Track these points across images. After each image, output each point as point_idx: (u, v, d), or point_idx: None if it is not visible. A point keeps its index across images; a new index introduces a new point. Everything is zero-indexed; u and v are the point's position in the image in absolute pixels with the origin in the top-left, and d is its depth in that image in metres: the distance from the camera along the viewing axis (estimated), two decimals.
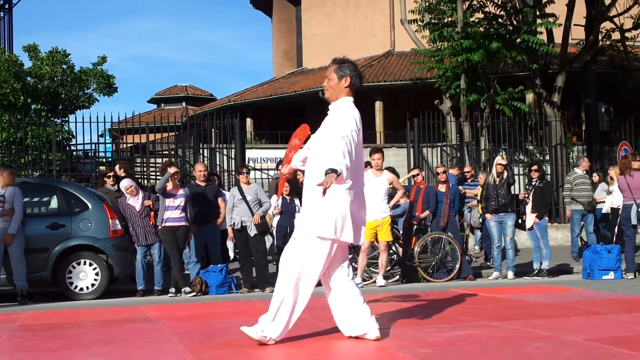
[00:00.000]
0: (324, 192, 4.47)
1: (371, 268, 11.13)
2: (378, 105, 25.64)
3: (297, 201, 12.06)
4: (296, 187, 12.30)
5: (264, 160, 19.19)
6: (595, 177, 14.38)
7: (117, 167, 12.33)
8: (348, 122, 4.81)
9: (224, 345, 5.24)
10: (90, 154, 17.53)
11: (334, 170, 4.47)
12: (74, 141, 18.04)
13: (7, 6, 25.39)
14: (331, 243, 4.86)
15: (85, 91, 19.77)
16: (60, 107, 18.93)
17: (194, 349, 5.04)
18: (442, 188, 11.81)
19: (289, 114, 28.33)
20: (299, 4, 31.30)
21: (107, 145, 21.89)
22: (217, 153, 17.63)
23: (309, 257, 4.85)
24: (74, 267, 10.03)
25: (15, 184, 9.81)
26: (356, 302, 5.06)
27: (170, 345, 5.33)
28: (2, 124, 16.35)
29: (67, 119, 18.66)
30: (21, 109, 17.32)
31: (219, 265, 10.54)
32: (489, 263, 12.44)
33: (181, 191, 10.46)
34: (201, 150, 17.69)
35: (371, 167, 10.78)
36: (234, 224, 10.63)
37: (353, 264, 10.94)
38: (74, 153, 17.85)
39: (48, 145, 16.14)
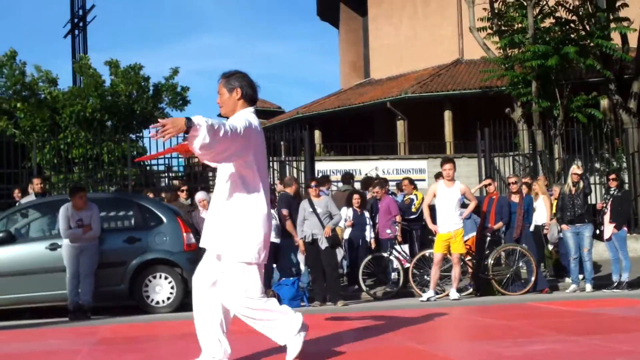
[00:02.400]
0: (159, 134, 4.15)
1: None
2: (447, 114, 25.40)
3: (367, 213, 12.04)
4: (366, 199, 12.29)
5: (333, 172, 19.21)
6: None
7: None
8: (240, 119, 4.58)
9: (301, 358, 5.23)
10: (164, 168, 17.93)
11: (189, 120, 4.15)
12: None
13: (81, 24, 26.20)
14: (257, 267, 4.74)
15: (159, 106, 20.23)
16: (134, 123, 19.43)
17: None
18: (515, 198, 11.59)
19: (357, 125, 28.35)
20: (366, 14, 31.33)
21: (179, 159, 22.29)
22: (287, 166, 17.74)
23: (247, 283, 4.71)
24: (150, 281, 10.20)
25: (92, 202, 10.06)
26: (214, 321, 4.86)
27: (247, 358, 5.35)
28: (79, 140, 16.87)
29: (141, 134, 19.15)
30: (98, 126, 17.84)
31: (291, 278, 10.60)
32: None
33: None
34: (271, 162, 17.84)
35: (442, 177, 10.68)
36: (304, 237, 10.65)
37: (425, 276, 10.85)
38: (148, 168, 18.27)
39: (123, 161, 16.56)
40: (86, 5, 26.18)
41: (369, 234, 11.98)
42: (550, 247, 12.67)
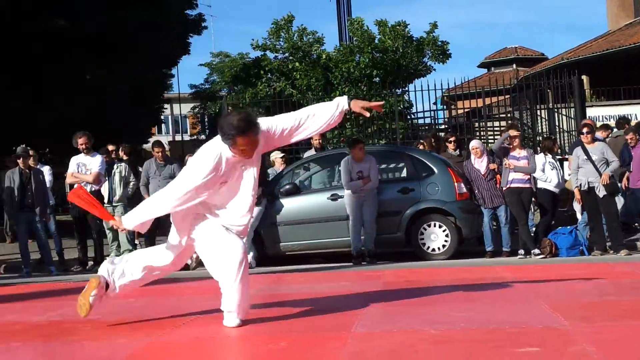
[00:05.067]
0: None
1: None
2: None
3: None
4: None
5: (605, 119, 18.23)
6: None
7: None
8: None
9: (593, 305, 5.16)
10: (430, 121, 18.22)
11: None
12: (413, 109, 18.89)
13: None
14: None
15: (423, 60, 20.57)
16: (399, 79, 19.95)
17: (561, 309, 4.97)
18: None
19: (629, 67, 26.43)
20: None
21: (440, 112, 22.51)
22: (555, 113, 17.12)
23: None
24: (425, 229, 10.51)
25: (370, 155, 10.55)
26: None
27: (534, 304, 5.35)
28: (350, 97, 17.63)
29: (406, 88, 19.59)
30: (366, 83, 18.55)
31: (568, 227, 10.35)
32: None
33: (524, 152, 10.44)
34: (538, 111, 17.32)
35: None
36: (580, 185, 10.31)
37: None
38: (413, 121, 18.67)
39: (391, 115, 17.05)
40: None
41: None
42: None
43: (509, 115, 18.22)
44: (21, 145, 11.34)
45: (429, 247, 10.45)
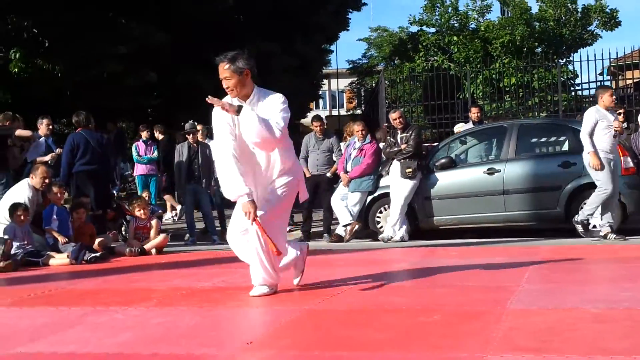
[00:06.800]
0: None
1: None
2: None
3: None
4: None
5: None
6: None
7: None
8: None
9: None
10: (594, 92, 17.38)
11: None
12: (577, 80, 18.12)
13: None
14: None
15: (588, 28, 19.69)
16: (563, 48, 19.20)
17: None
18: None
19: None
20: None
21: (607, 82, 21.43)
22: None
23: None
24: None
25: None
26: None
27: None
28: (510, 69, 17.22)
29: (571, 58, 18.81)
30: (527, 54, 17.98)
31: None
32: None
33: None
34: None
35: None
36: None
37: None
38: (577, 93, 17.93)
39: (553, 86, 16.44)
40: None
41: None
42: None
43: None
44: (189, 121, 11.90)
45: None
